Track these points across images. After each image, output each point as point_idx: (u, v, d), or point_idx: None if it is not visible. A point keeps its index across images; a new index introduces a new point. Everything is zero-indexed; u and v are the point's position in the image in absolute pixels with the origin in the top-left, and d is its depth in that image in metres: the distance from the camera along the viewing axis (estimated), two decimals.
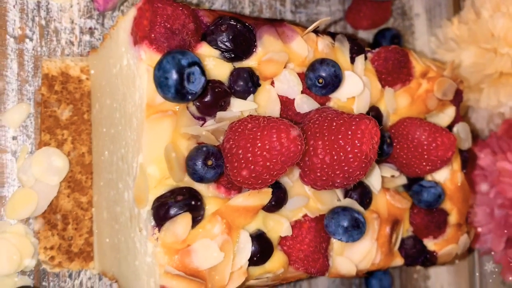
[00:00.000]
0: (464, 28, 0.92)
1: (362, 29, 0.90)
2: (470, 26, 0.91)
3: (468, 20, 0.93)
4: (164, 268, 0.48)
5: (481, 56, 0.89)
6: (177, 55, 0.48)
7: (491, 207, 0.90)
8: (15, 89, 0.61)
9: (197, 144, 0.53)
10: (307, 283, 0.83)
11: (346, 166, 0.55)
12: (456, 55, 0.92)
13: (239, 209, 0.53)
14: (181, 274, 0.48)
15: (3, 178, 0.60)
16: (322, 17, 0.89)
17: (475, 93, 0.92)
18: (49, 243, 0.62)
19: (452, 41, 0.95)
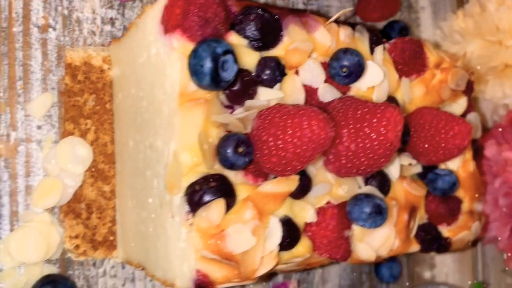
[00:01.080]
0: (469, 21, 0.94)
1: (372, 21, 0.92)
2: (475, 19, 0.93)
3: (474, 13, 0.94)
4: (200, 253, 0.49)
5: (487, 48, 0.91)
6: (212, 43, 0.49)
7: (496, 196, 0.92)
8: (39, 78, 0.62)
9: (226, 132, 0.54)
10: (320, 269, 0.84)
11: (371, 154, 0.56)
12: (461, 48, 0.94)
13: (268, 196, 0.54)
14: (216, 258, 0.49)
15: (28, 167, 0.61)
16: (332, 9, 0.90)
17: (481, 85, 0.94)
18: (74, 232, 0.62)
19: (457, 33, 0.96)
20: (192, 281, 0.50)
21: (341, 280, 0.86)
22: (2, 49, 0.59)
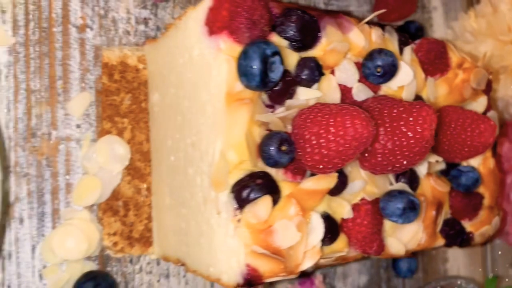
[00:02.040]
0: (481, 21, 0.97)
1: (389, 22, 0.93)
2: (487, 19, 0.95)
3: (486, 13, 0.97)
4: (250, 248, 0.51)
5: (499, 48, 0.93)
6: (261, 44, 0.50)
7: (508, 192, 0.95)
8: (78, 78, 0.62)
9: (266, 130, 0.55)
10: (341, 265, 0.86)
11: (407, 151, 0.58)
12: (473, 47, 0.96)
13: (309, 192, 0.56)
14: (265, 252, 0.51)
15: (68, 165, 0.61)
16: (352, 9, 0.92)
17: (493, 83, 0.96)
18: (112, 229, 0.63)
19: (468, 33, 0.99)
20: (242, 275, 0.52)
21: (361, 275, 0.88)
22: (43, 49, 0.60)
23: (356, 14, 0.92)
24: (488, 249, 1.07)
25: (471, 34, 0.98)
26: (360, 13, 0.93)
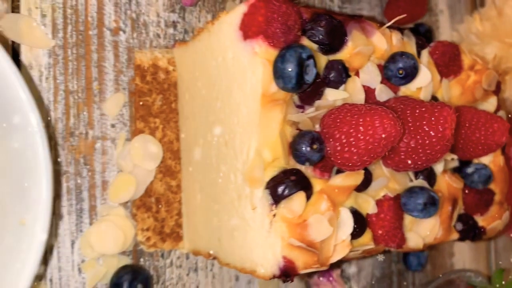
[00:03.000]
0: (487, 24, 1.00)
1: (399, 24, 0.97)
2: (493, 22, 0.99)
3: (491, 16, 1.00)
4: (287, 241, 0.53)
5: (504, 50, 0.97)
6: (297, 49, 0.53)
7: None
8: (112, 79, 0.65)
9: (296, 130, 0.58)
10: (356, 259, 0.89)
11: (429, 150, 0.61)
12: (479, 49, 1.00)
13: (339, 188, 0.59)
14: (301, 245, 0.54)
15: (104, 164, 0.64)
16: (364, 12, 0.95)
17: None
18: (145, 225, 0.66)
19: (474, 35, 1.02)
20: (278, 267, 0.54)
21: (374, 269, 0.91)
22: (80, 51, 0.63)
23: (367, 17, 0.95)
24: (492, 243, 1.11)
25: (476, 36, 1.02)
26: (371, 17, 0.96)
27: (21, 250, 0.48)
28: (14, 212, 0.49)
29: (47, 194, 0.48)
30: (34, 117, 0.48)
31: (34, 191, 0.48)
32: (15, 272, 0.48)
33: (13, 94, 0.47)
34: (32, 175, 0.48)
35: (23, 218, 0.49)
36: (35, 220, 0.48)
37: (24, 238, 0.48)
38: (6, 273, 0.48)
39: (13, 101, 0.47)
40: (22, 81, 0.48)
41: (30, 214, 0.48)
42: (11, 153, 0.49)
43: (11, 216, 0.49)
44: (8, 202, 0.49)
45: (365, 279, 0.90)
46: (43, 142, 0.48)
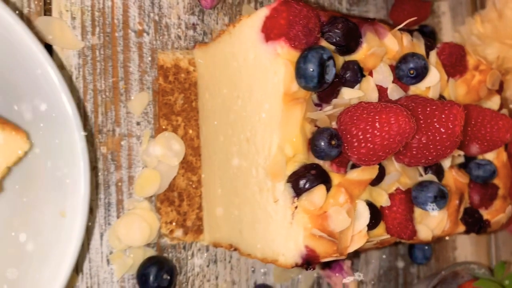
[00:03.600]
0: (487, 25, 1.04)
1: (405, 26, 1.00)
2: (493, 24, 1.03)
3: (491, 18, 1.04)
4: (309, 231, 0.57)
5: (505, 51, 1.00)
6: (319, 50, 0.56)
7: None
8: (137, 79, 0.68)
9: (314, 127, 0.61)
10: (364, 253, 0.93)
11: (439, 146, 0.64)
12: (480, 50, 1.03)
13: (355, 182, 0.62)
14: (323, 235, 0.57)
15: (130, 160, 0.67)
16: (370, 15, 0.98)
17: None
18: (169, 218, 0.69)
19: (475, 37, 1.06)
20: (301, 256, 0.58)
21: (381, 262, 0.95)
22: (107, 52, 0.65)
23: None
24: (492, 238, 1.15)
25: (477, 37, 1.06)
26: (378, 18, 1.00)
27: (61, 241, 0.51)
28: (54, 203, 0.52)
29: (86, 188, 0.51)
30: (73, 113, 0.51)
31: (73, 184, 0.51)
32: (55, 263, 0.51)
33: (54, 91, 0.50)
34: (71, 169, 0.51)
35: (63, 210, 0.51)
36: (74, 212, 0.51)
37: (64, 229, 0.51)
38: (47, 263, 0.51)
39: (56, 101, 0.50)
40: (62, 80, 0.50)
41: (69, 206, 0.51)
42: (52, 148, 0.52)
43: (52, 208, 0.52)
44: (49, 194, 0.52)
45: (373, 271, 0.94)
46: (81, 137, 0.51)
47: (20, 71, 0.50)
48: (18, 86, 0.51)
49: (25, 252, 0.52)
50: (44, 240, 0.51)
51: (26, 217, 0.52)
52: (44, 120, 0.51)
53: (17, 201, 0.53)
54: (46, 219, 0.52)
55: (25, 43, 0.48)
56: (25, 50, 0.49)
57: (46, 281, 0.51)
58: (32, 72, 0.49)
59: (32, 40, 0.49)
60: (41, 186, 0.52)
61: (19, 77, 0.50)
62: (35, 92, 0.50)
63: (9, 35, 0.48)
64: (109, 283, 0.64)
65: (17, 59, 0.49)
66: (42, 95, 0.50)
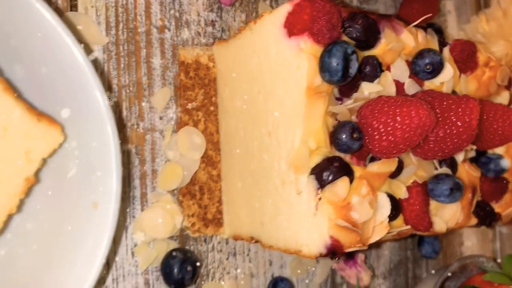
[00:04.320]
0: (492, 24, 1.06)
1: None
2: (498, 22, 1.05)
3: (496, 17, 1.06)
4: (334, 221, 0.58)
5: (510, 48, 1.03)
6: (343, 44, 0.58)
7: None
8: (159, 74, 0.69)
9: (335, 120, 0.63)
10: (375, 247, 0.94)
11: (456, 139, 0.66)
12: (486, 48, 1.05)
13: (375, 175, 0.63)
14: (348, 225, 0.58)
15: (154, 153, 0.68)
16: (380, 12, 1.00)
17: None
18: (190, 211, 0.70)
19: (480, 35, 1.08)
20: (325, 246, 0.59)
21: (391, 255, 0.97)
22: (130, 48, 0.66)
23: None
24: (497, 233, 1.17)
25: (482, 35, 1.08)
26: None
27: (93, 232, 0.52)
28: (87, 195, 0.53)
29: (117, 179, 0.52)
30: (106, 108, 0.52)
31: (105, 177, 0.52)
32: (88, 254, 0.51)
33: (89, 88, 0.51)
34: (103, 162, 0.52)
35: (96, 202, 0.52)
36: (107, 204, 0.52)
37: (97, 221, 0.52)
38: (79, 253, 0.52)
39: (91, 96, 0.51)
40: (95, 75, 0.51)
41: (102, 199, 0.52)
42: (85, 141, 0.53)
43: (85, 199, 0.53)
44: (81, 186, 0.53)
45: (384, 265, 0.95)
46: (114, 132, 0.52)
47: (56, 68, 0.51)
48: (59, 88, 0.52)
49: (59, 243, 0.53)
50: (77, 231, 0.52)
51: (61, 208, 0.53)
52: (78, 114, 0.52)
53: (51, 192, 0.54)
54: (79, 210, 0.53)
55: (64, 40, 0.49)
56: (62, 46, 0.49)
57: (79, 275, 0.52)
58: (69, 71, 0.50)
59: (69, 36, 0.50)
60: (74, 178, 0.53)
61: (58, 78, 0.51)
62: (71, 89, 0.51)
63: (49, 31, 0.49)
64: (134, 275, 0.65)
65: (56, 57, 0.50)
66: (77, 92, 0.51)
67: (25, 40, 0.50)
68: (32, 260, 0.52)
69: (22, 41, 0.50)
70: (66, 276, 0.52)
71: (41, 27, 0.49)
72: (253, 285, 0.76)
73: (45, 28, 0.48)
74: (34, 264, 0.52)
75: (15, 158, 0.47)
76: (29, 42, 0.50)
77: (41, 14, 0.48)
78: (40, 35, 0.49)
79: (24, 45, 0.50)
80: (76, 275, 0.51)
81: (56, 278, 0.52)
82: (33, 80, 0.52)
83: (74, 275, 0.51)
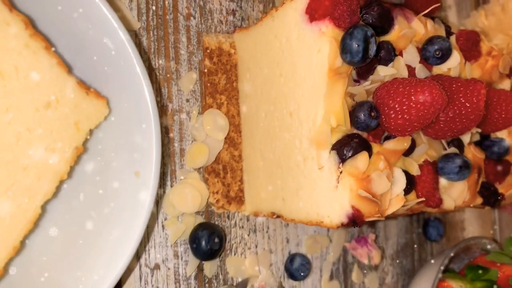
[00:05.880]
0: (491, 18, 1.11)
1: None
2: (497, 17, 1.10)
3: (495, 12, 1.12)
4: (355, 192, 0.62)
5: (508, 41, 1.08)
6: (363, 27, 0.62)
7: None
8: (186, 59, 0.73)
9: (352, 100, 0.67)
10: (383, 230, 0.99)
11: (464, 119, 0.71)
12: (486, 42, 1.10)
13: (391, 151, 0.68)
14: (369, 196, 0.63)
15: (181, 133, 0.72)
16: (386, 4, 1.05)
17: None
18: (215, 189, 0.74)
19: (479, 29, 1.13)
20: (347, 215, 0.63)
21: (398, 238, 1.01)
22: (160, 33, 0.71)
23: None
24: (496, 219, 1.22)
25: (482, 30, 1.13)
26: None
27: (136, 200, 0.56)
28: (130, 165, 0.56)
29: (157, 149, 0.56)
30: (147, 85, 0.56)
31: (148, 150, 0.56)
32: (130, 217, 0.55)
33: (131, 65, 0.55)
34: (144, 134, 0.56)
35: (138, 171, 0.56)
36: (148, 173, 0.56)
37: (139, 188, 0.56)
38: (123, 215, 0.56)
39: (133, 74, 0.55)
40: (142, 64, 0.55)
41: (143, 169, 0.56)
42: (127, 115, 0.57)
43: (128, 168, 0.56)
44: (124, 155, 0.57)
45: (391, 247, 1.00)
46: (154, 106, 0.56)
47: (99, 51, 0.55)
48: (100, 66, 0.56)
49: (103, 209, 0.57)
50: (122, 195, 0.56)
51: (106, 175, 0.57)
52: (121, 90, 0.56)
53: (98, 160, 0.57)
54: (124, 176, 0.56)
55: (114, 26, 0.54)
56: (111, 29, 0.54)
57: (118, 241, 0.55)
58: (111, 52, 0.54)
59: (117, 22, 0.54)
60: (117, 147, 0.57)
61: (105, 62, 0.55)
62: (115, 69, 0.55)
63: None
64: (164, 247, 0.69)
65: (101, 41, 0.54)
66: (120, 72, 0.55)
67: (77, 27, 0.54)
68: (82, 219, 0.56)
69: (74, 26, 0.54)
70: (106, 244, 0.56)
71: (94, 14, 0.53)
72: (271, 260, 0.80)
73: (97, 17, 0.53)
74: (84, 224, 0.56)
75: (66, 128, 0.51)
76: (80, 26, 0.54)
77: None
78: (90, 26, 0.53)
79: (77, 31, 0.54)
80: (116, 244, 0.55)
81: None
82: (81, 62, 0.56)
83: (114, 244, 0.55)
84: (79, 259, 0.55)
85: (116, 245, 0.57)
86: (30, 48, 0.48)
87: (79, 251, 0.56)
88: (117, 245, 0.57)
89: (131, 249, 0.57)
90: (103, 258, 0.55)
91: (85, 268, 0.55)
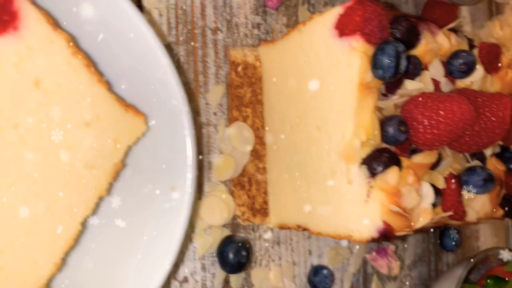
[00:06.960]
0: (506, 29, 1.12)
1: None
2: None
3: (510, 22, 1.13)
4: (387, 207, 0.63)
5: None
6: (395, 43, 0.63)
7: None
8: (213, 73, 0.73)
9: (381, 114, 0.68)
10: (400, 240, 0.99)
11: (490, 133, 0.71)
12: None
13: (419, 165, 0.68)
14: (400, 211, 0.63)
15: (209, 146, 0.72)
16: None
17: None
18: (241, 201, 0.74)
19: (494, 39, 1.14)
20: (377, 230, 0.63)
21: (416, 248, 1.01)
22: (189, 47, 0.71)
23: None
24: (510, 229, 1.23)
25: (496, 40, 1.14)
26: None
27: (174, 213, 0.56)
28: (167, 180, 0.57)
29: (193, 166, 0.57)
30: (183, 101, 0.56)
31: (183, 165, 0.56)
32: (170, 231, 0.56)
33: (172, 85, 0.55)
34: (179, 151, 0.56)
35: (174, 186, 0.56)
36: (184, 187, 0.56)
37: (176, 203, 0.56)
38: (163, 232, 0.56)
39: (172, 92, 0.55)
40: (176, 73, 0.56)
41: (179, 183, 0.56)
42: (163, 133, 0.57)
43: (165, 182, 0.57)
44: (160, 172, 0.57)
45: (409, 257, 1.00)
46: (190, 126, 0.57)
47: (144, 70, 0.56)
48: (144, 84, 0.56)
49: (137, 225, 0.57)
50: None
51: (142, 190, 0.58)
52: (158, 107, 0.57)
53: (135, 176, 0.58)
54: (162, 190, 0.57)
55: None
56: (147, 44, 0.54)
57: (157, 255, 0.56)
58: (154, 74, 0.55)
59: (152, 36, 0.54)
60: (153, 164, 0.57)
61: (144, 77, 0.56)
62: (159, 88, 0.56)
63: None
64: (192, 260, 0.69)
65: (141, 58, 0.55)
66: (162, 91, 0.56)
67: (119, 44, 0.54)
68: (120, 236, 0.57)
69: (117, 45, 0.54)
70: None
71: (133, 30, 0.53)
72: (295, 272, 0.80)
73: (135, 32, 0.53)
74: (122, 240, 0.57)
75: (105, 144, 0.51)
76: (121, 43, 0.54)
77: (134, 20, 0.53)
78: (132, 35, 0.53)
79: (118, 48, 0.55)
80: (158, 255, 0.56)
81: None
82: (121, 79, 0.56)
83: (156, 255, 0.56)
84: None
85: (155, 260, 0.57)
86: (71, 65, 0.49)
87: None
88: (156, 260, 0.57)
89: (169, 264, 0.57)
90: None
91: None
